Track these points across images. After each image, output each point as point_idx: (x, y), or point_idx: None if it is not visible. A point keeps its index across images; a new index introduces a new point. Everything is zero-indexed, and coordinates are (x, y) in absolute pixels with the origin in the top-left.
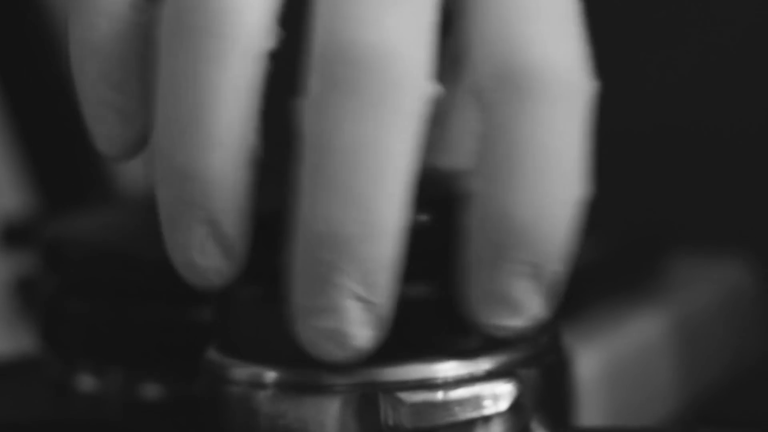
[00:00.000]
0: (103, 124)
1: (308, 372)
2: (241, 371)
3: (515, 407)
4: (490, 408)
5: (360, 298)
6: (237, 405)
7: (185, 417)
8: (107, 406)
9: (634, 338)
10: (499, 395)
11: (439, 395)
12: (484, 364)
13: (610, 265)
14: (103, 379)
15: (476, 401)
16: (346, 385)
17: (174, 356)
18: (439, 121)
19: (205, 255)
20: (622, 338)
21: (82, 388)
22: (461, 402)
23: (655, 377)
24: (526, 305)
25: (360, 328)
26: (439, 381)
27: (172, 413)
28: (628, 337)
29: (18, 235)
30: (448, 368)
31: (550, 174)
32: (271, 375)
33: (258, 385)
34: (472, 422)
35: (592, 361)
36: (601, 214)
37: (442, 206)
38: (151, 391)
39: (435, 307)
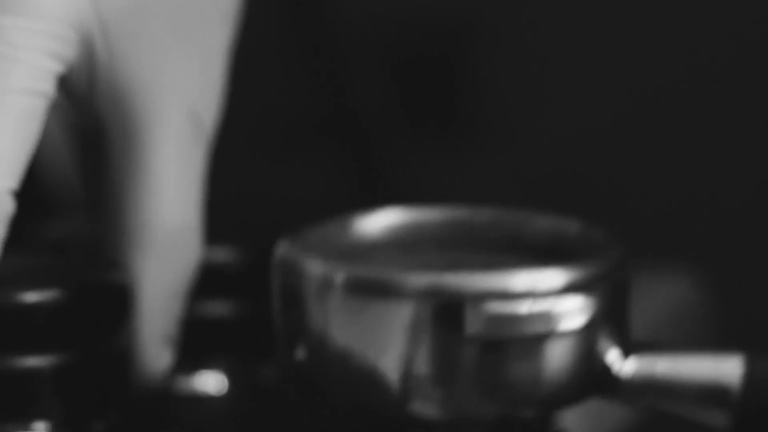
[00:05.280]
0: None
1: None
2: (317, 267)
3: (589, 321)
4: (566, 321)
5: None
6: (311, 300)
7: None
8: None
9: None
10: (575, 309)
11: (520, 307)
12: (561, 278)
13: None
14: None
15: (554, 314)
16: (424, 291)
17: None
18: None
19: None
20: None
21: None
22: (540, 315)
23: None
24: None
25: None
26: (519, 293)
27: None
28: None
29: None
30: (527, 281)
31: None
32: (343, 272)
33: (332, 283)
34: (547, 335)
35: None
36: None
37: None
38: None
39: None
